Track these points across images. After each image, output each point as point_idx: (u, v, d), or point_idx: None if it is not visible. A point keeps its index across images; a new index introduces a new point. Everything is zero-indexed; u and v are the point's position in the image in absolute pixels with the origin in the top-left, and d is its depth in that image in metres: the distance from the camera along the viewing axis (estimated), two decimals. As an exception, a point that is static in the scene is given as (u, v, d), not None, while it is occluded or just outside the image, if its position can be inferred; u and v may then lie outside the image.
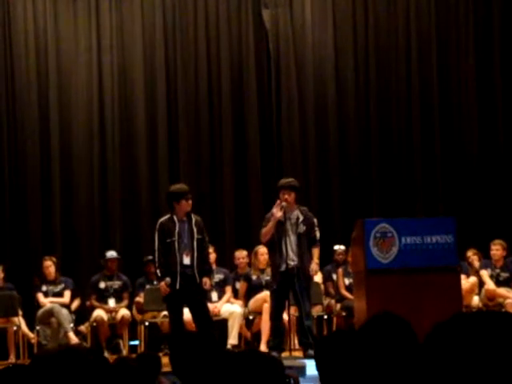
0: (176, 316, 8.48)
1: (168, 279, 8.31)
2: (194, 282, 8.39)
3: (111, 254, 10.72)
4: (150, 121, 11.87)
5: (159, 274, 8.44)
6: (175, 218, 8.50)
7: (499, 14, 12.23)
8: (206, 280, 8.50)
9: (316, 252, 8.79)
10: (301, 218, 8.70)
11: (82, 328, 10.55)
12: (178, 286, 8.32)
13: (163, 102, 11.88)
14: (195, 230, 8.47)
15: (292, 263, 8.58)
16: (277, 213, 8.58)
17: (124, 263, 11.16)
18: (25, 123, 11.66)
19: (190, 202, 8.51)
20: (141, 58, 11.88)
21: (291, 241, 8.63)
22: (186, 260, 8.38)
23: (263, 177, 11.85)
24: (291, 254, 8.60)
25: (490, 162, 12.08)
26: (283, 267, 8.60)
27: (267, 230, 8.65)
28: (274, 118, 12.03)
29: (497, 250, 10.68)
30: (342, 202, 11.96)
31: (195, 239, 8.44)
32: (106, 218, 11.70)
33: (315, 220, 8.84)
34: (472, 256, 10.77)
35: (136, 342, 10.48)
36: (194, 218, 8.56)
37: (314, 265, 8.73)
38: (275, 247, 8.69)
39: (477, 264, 10.77)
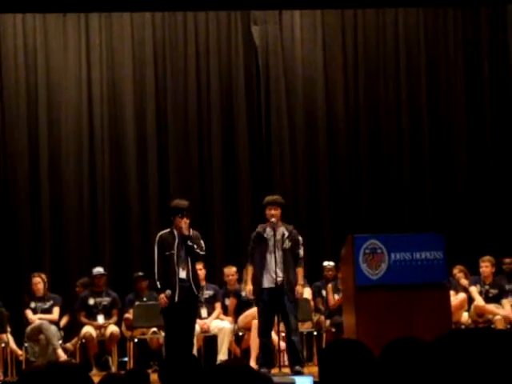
0: (172, 329, 8.50)
1: (169, 291, 8.40)
2: (192, 294, 8.50)
3: (98, 270, 10.69)
4: (140, 136, 11.88)
5: (159, 286, 8.52)
6: (175, 231, 8.56)
7: (487, 46, 12.31)
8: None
9: (300, 272, 8.85)
10: (286, 234, 8.77)
11: (68, 345, 10.49)
12: (176, 299, 8.39)
13: (153, 118, 11.90)
14: (191, 244, 8.52)
15: (279, 279, 8.61)
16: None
17: (113, 280, 11.13)
18: (14, 139, 11.65)
19: (185, 219, 8.52)
20: (130, 73, 11.90)
21: (277, 256, 8.67)
22: (182, 274, 8.48)
23: (253, 193, 11.85)
24: (277, 270, 8.63)
25: (479, 178, 12.12)
26: (270, 283, 8.62)
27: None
28: (263, 133, 12.05)
29: (486, 266, 10.71)
30: (332, 218, 11.97)
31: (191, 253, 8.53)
32: (95, 235, 11.68)
33: (300, 238, 8.91)
34: (458, 273, 10.79)
35: (125, 359, 10.45)
36: (191, 232, 8.61)
37: (299, 287, 8.80)
38: (259, 264, 8.73)
39: (463, 281, 10.79)
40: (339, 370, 2.82)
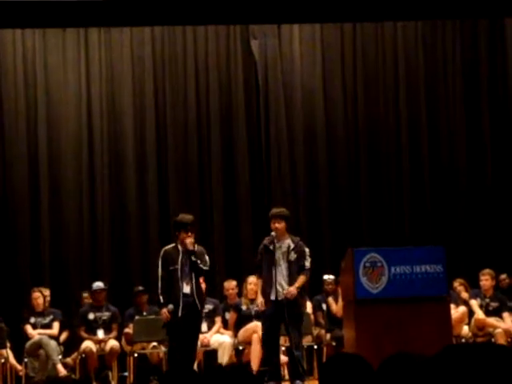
0: (175, 344, 8.48)
1: (171, 306, 8.38)
2: (196, 310, 8.48)
3: (97, 285, 10.66)
4: (139, 151, 11.89)
5: (162, 301, 8.48)
6: (179, 246, 8.55)
7: (486, 60, 12.34)
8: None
9: (301, 278, 8.65)
10: (292, 246, 8.73)
11: (69, 360, 10.47)
12: (180, 314, 8.38)
13: (152, 133, 11.91)
14: (195, 259, 8.53)
15: (284, 291, 8.57)
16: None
17: (113, 294, 11.11)
18: (13, 155, 11.65)
19: (190, 234, 8.49)
20: (130, 89, 11.92)
21: (282, 269, 8.65)
22: (186, 289, 8.46)
23: (253, 206, 11.85)
24: (282, 282, 8.62)
25: (479, 191, 12.13)
26: (273, 296, 8.60)
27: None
28: (263, 147, 12.06)
29: (486, 279, 10.68)
30: (332, 232, 11.97)
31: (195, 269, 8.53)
32: (94, 250, 11.68)
33: (307, 249, 8.81)
34: (458, 287, 10.78)
35: (126, 374, 10.42)
36: (196, 248, 8.60)
37: (293, 288, 8.61)
38: (266, 276, 8.70)
39: (464, 294, 10.77)
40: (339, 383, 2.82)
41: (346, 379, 2.82)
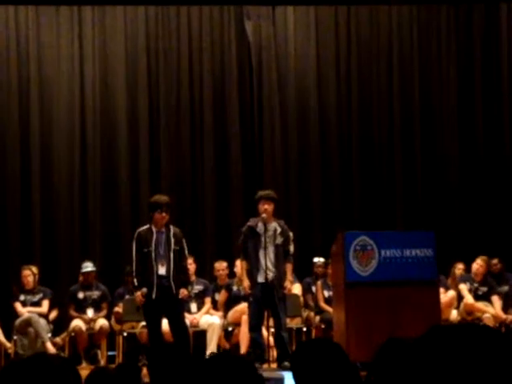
0: (153, 326, 8.50)
1: (144, 289, 8.34)
2: (171, 292, 8.42)
3: (86, 266, 10.61)
4: (132, 131, 11.86)
5: (136, 284, 8.46)
6: (153, 228, 8.52)
7: (480, 44, 12.33)
8: (182, 290, 8.52)
9: (289, 268, 8.83)
10: (278, 230, 8.76)
11: (58, 340, 10.46)
12: (154, 296, 8.35)
13: (145, 112, 11.88)
14: (172, 240, 8.51)
15: (271, 274, 8.61)
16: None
17: (103, 273, 11.11)
18: (5, 132, 11.61)
19: (164, 214, 8.48)
20: (123, 67, 11.88)
21: (269, 252, 8.66)
22: (162, 270, 8.42)
23: (244, 188, 11.85)
24: (269, 265, 8.64)
25: (471, 175, 12.14)
26: (262, 279, 8.62)
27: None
28: (255, 129, 12.05)
29: (481, 265, 10.69)
30: (323, 215, 11.98)
31: (172, 250, 8.48)
32: (85, 228, 11.66)
33: (291, 234, 8.91)
34: (457, 271, 10.83)
35: (115, 353, 10.43)
36: (172, 229, 8.59)
37: (288, 282, 8.77)
38: (252, 259, 8.71)
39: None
40: (311, 369, 2.81)
41: (318, 364, 2.80)
